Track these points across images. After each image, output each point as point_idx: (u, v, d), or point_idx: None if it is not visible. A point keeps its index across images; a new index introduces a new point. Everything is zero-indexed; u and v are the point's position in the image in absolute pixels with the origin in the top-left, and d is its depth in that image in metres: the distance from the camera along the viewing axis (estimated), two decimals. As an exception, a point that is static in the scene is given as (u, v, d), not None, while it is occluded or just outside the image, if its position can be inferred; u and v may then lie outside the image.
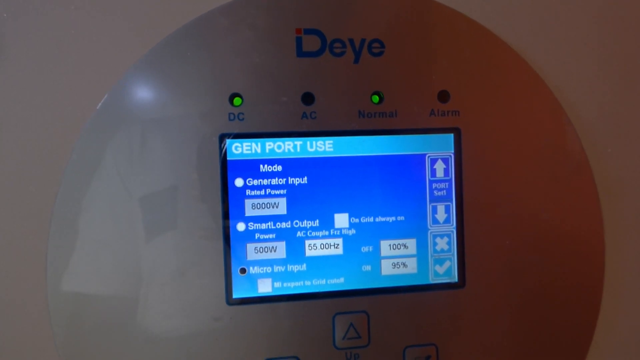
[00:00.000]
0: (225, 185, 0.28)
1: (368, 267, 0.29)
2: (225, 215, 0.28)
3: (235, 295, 0.28)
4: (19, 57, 0.27)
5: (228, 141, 0.28)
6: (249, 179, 0.28)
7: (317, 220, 0.29)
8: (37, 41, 0.28)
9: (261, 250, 0.29)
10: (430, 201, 0.30)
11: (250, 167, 0.28)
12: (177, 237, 0.28)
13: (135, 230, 0.27)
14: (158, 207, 0.27)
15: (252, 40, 0.28)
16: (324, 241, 0.29)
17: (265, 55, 0.28)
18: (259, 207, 0.29)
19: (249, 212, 0.28)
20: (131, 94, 0.28)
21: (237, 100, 0.28)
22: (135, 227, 0.27)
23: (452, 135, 0.30)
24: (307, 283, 0.29)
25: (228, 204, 0.28)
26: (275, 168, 0.29)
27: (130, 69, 0.28)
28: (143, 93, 0.28)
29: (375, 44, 0.29)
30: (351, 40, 0.29)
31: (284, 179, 0.29)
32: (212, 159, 0.28)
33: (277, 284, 0.29)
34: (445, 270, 0.30)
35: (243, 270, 0.28)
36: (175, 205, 0.28)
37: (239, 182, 0.28)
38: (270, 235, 0.29)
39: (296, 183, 0.29)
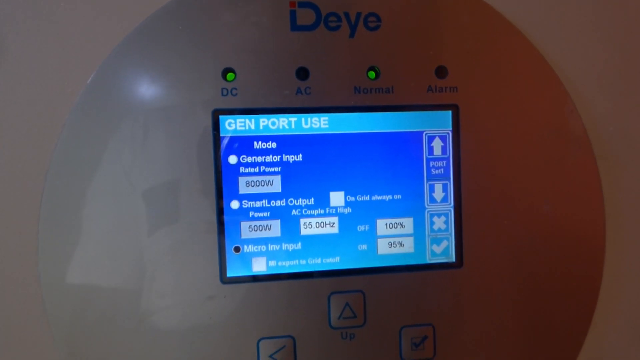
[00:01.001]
0: (219, 162, 0.28)
1: (364, 246, 0.29)
2: (219, 193, 0.28)
3: (229, 274, 0.28)
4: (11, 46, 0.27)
5: (221, 117, 0.28)
6: (243, 155, 0.28)
7: (313, 199, 0.29)
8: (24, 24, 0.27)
9: (255, 229, 0.28)
10: (428, 180, 0.30)
11: (244, 144, 0.28)
12: (170, 215, 0.27)
13: (126, 211, 0.27)
14: (149, 185, 0.27)
15: (245, 14, 0.27)
16: (320, 220, 0.29)
17: (258, 29, 0.28)
18: (253, 184, 0.28)
19: (243, 189, 0.28)
20: (120, 70, 0.27)
21: (230, 76, 0.28)
22: (126, 208, 0.27)
23: (450, 112, 0.29)
24: (302, 262, 0.29)
25: (222, 182, 0.28)
26: (269, 145, 0.28)
27: (119, 45, 0.27)
28: (132, 69, 0.27)
29: (372, 18, 0.28)
30: (346, 14, 0.28)
31: (279, 156, 0.28)
32: (204, 135, 0.27)
33: (272, 263, 0.28)
34: (443, 249, 0.30)
35: (237, 249, 0.28)
36: (167, 183, 0.27)
37: (232, 159, 0.28)
38: (265, 214, 0.28)
39: (291, 160, 0.28)
